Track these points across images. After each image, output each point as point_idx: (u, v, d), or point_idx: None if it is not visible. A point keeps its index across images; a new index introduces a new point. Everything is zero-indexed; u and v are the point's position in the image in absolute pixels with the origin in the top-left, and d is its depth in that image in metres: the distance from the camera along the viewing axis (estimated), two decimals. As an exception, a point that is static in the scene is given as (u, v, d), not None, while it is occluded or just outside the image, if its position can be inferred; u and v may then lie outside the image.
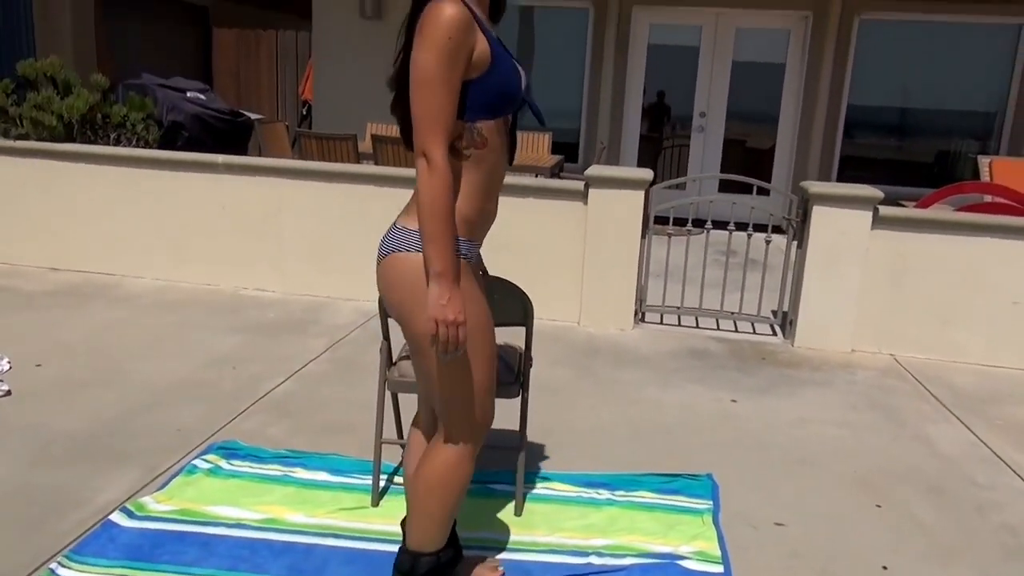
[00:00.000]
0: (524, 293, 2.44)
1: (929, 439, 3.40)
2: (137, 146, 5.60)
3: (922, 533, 2.62)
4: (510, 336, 2.73)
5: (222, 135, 7.06)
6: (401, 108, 1.88)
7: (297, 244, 5.03)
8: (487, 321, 1.86)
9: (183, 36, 11.60)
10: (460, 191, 1.76)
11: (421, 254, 1.72)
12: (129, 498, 2.54)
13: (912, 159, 8.62)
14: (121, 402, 3.29)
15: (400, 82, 1.85)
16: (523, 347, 2.57)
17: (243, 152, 7.32)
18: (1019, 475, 3.09)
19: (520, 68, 1.85)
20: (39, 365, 3.65)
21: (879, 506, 2.78)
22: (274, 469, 2.76)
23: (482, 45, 1.71)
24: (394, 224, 1.83)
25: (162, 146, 5.87)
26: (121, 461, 2.78)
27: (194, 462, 2.77)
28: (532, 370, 2.64)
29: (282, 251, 5.05)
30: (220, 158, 5.05)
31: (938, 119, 8.43)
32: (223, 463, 2.77)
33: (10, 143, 5.27)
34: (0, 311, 4.43)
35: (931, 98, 8.34)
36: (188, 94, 6.84)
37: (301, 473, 2.75)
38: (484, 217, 1.85)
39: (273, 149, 7.29)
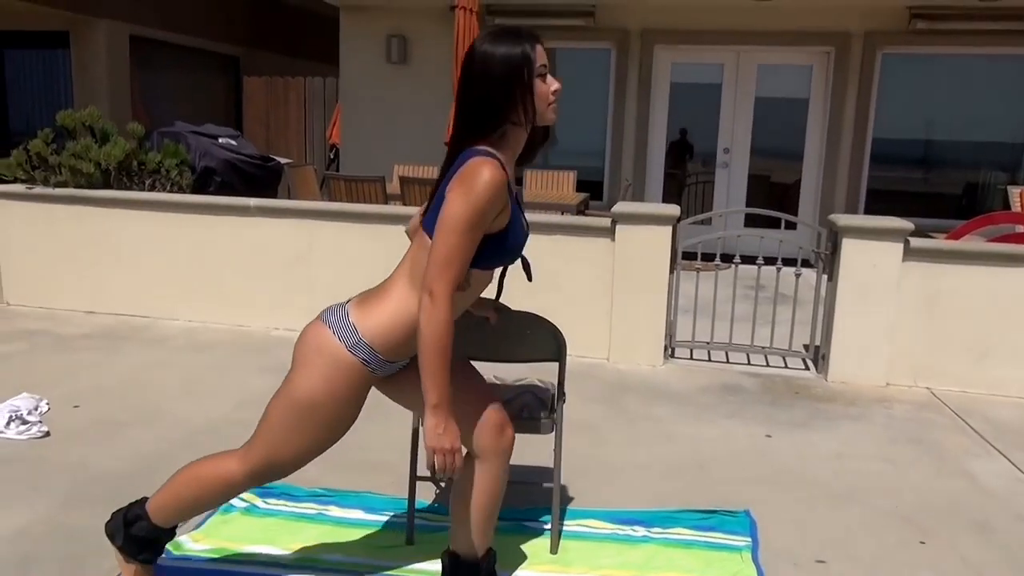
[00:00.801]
0: (556, 328, 2.44)
1: (971, 474, 3.33)
2: (171, 191, 5.72)
3: (969, 571, 2.55)
4: (543, 372, 2.74)
5: (253, 179, 7.17)
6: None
7: (327, 285, 5.09)
8: (336, 420, 2.01)
9: (214, 85, 11.92)
10: (415, 313, 1.89)
11: (343, 347, 1.91)
12: (166, 537, 2.55)
13: (940, 191, 8.57)
14: (158, 442, 3.32)
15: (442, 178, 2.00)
16: (555, 383, 2.57)
17: (273, 195, 7.43)
18: (1067, 510, 3.01)
19: (526, 224, 2.04)
20: (77, 406, 3.71)
21: (923, 543, 2.72)
22: (309, 507, 2.77)
23: (507, 210, 1.88)
24: (345, 307, 1.97)
25: (195, 191, 5.99)
26: (158, 501, 2.79)
27: (230, 501, 2.77)
28: (564, 407, 2.63)
29: (312, 292, 5.11)
30: (252, 201, 5.15)
31: (965, 151, 8.39)
32: (258, 502, 2.78)
33: (50, 190, 5.42)
34: (38, 354, 4.51)
35: (957, 130, 8.31)
36: (220, 140, 6.98)
37: (335, 511, 2.75)
38: (415, 345, 1.96)
39: (302, 192, 7.42)
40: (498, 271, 2.15)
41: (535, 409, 2.49)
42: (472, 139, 1.90)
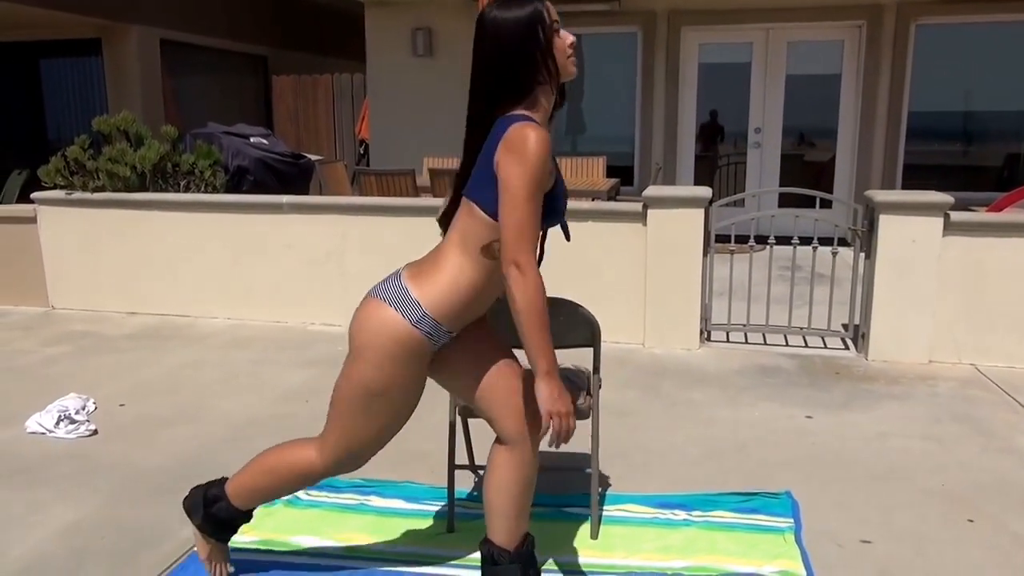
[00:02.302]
0: (590, 314, 2.44)
1: (1020, 451, 3.26)
2: (205, 192, 5.80)
3: (1020, 548, 2.50)
4: (577, 358, 2.73)
5: (285, 177, 7.24)
6: (453, 198, 2.07)
7: (361, 278, 5.13)
8: (407, 397, 2.02)
9: (244, 85, 12.05)
10: (472, 280, 1.91)
11: (402, 318, 1.89)
12: (213, 530, 2.60)
13: (980, 164, 8.36)
14: (201, 438, 3.39)
15: (461, 180, 2.02)
16: (591, 368, 2.57)
17: (305, 192, 7.50)
18: (1121, 485, 2.93)
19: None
20: (123, 405, 3.79)
21: (971, 521, 2.67)
22: (350, 498, 2.80)
23: (553, 169, 1.89)
24: (398, 275, 1.97)
25: (229, 190, 6.07)
26: (204, 495, 2.85)
27: (273, 494, 2.82)
28: (600, 393, 2.62)
29: (347, 286, 5.15)
30: (285, 199, 5.21)
31: (1004, 121, 8.17)
32: (301, 494, 2.82)
33: (88, 195, 5.53)
34: (84, 355, 4.62)
35: (996, 100, 8.09)
36: (251, 139, 7.06)
37: (377, 501, 2.78)
38: (480, 302, 1.98)
39: (334, 188, 7.48)
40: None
41: (571, 395, 2.49)
42: (503, 107, 1.90)
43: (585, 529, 2.57)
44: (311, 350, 4.70)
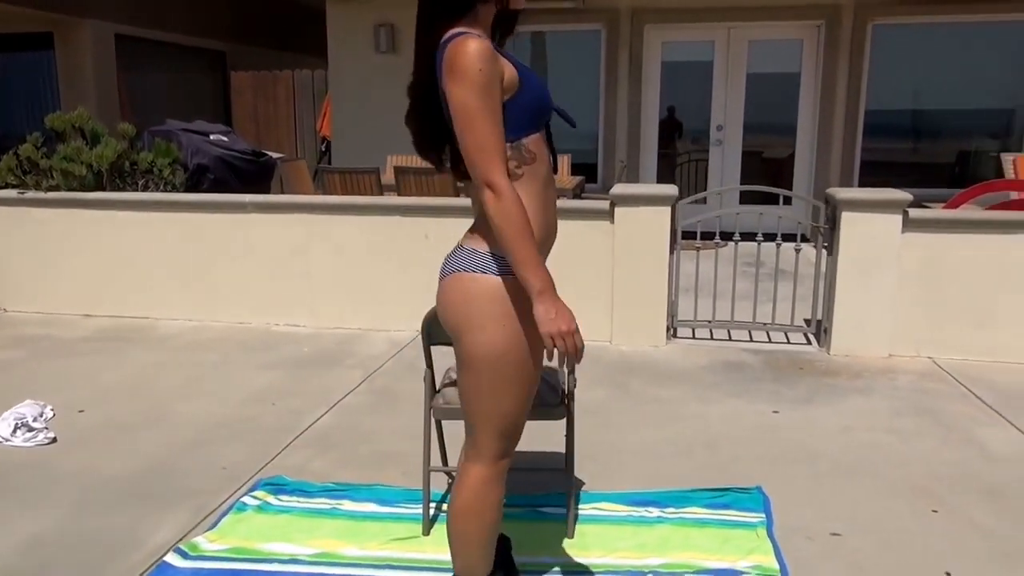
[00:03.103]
0: (565, 313, 2.43)
1: (979, 441, 3.34)
2: (165, 191, 5.68)
3: (983, 537, 2.56)
4: (551, 357, 2.72)
5: (246, 175, 7.13)
6: (414, 122, 1.95)
7: (327, 278, 5.07)
8: (535, 342, 1.85)
9: (201, 81, 11.82)
10: (525, 202, 1.75)
11: (485, 275, 1.76)
12: (181, 539, 2.55)
13: (933, 161, 8.56)
14: (165, 443, 3.32)
15: (415, 93, 1.91)
16: (566, 368, 2.57)
17: (266, 191, 7.39)
18: (1076, 474, 3.02)
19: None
20: (81, 411, 3.69)
21: (936, 511, 2.74)
22: (322, 503, 2.76)
23: (508, 70, 1.75)
24: (459, 245, 1.86)
25: (188, 189, 5.96)
26: (170, 502, 2.80)
27: (243, 500, 2.77)
28: (574, 392, 2.62)
29: (312, 286, 5.09)
30: (248, 198, 5.12)
31: (957, 119, 8.38)
32: (271, 499, 2.78)
33: (42, 195, 5.38)
34: (39, 359, 4.49)
35: (949, 99, 8.30)
36: (211, 137, 6.93)
37: (349, 505, 2.75)
38: (548, 231, 1.87)
39: (296, 186, 7.38)
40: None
41: (546, 395, 2.49)
42: (443, 24, 1.78)
43: (561, 529, 2.57)
44: (276, 351, 4.63)
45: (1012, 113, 8.24)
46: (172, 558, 2.41)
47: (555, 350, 1.69)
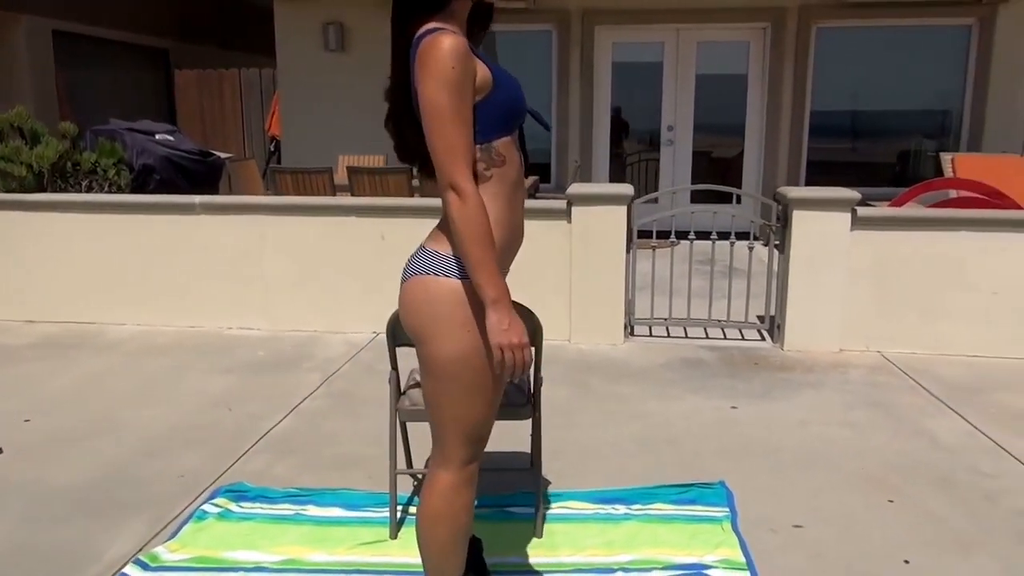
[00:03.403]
0: (532, 313, 2.43)
1: (929, 432, 3.45)
2: (110, 192, 5.52)
3: (937, 525, 2.65)
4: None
5: (194, 176, 6.97)
6: (394, 124, 1.89)
7: (281, 280, 4.99)
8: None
9: (144, 79, 11.52)
10: (489, 207, 1.73)
11: (447, 278, 1.73)
12: (140, 549, 2.47)
13: (875, 160, 8.82)
14: (119, 452, 3.22)
15: (394, 96, 1.86)
16: (533, 368, 2.56)
17: (214, 191, 7.24)
18: (1020, 461, 3.14)
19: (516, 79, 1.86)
20: (28, 420, 3.56)
21: (891, 501, 2.81)
22: (286, 509, 2.72)
23: (482, 70, 1.72)
24: (421, 246, 1.83)
25: (134, 190, 5.80)
26: (127, 512, 2.71)
27: (203, 508, 2.71)
28: (541, 390, 2.63)
29: (266, 288, 5.00)
30: (198, 199, 5.01)
31: (897, 120, 8.65)
32: (233, 506, 2.72)
33: (-21, 196, 5.17)
34: (-20, 368, 4.32)
35: (889, 100, 8.56)
36: (157, 136, 6.75)
37: (314, 511, 2.70)
38: (514, 234, 1.86)
39: (246, 187, 7.25)
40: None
41: (513, 395, 2.49)
42: (418, 20, 1.73)
43: (529, 528, 2.57)
44: (230, 356, 4.53)
45: (948, 114, 8.53)
46: (132, 570, 2.34)
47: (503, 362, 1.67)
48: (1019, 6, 8.01)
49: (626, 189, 4.63)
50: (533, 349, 2.49)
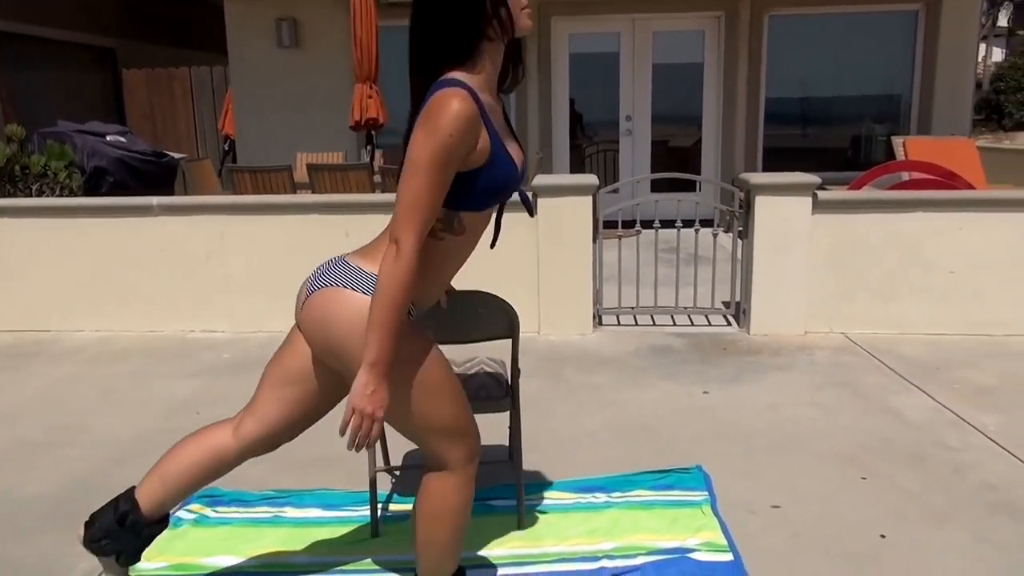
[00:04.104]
0: (509, 306, 2.42)
1: (895, 410, 3.52)
2: (61, 195, 5.37)
3: (910, 500, 2.71)
4: (496, 350, 2.71)
5: (147, 177, 6.84)
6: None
7: (244, 281, 4.90)
8: (438, 356, 1.81)
9: (90, 80, 11.21)
10: (423, 254, 1.68)
11: (364, 294, 1.68)
12: (115, 560, 2.41)
13: (829, 145, 8.99)
14: (87, 460, 3.13)
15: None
16: (502, 359, 2.56)
17: (169, 192, 7.10)
18: (985, 435, 3.23)
19: (518, 157, 1.79)
20: (-13, 432, 3.45)
21: (864, 479, 2.87)
22: (263, 512, 2.67)
23: (484, 142, 1.65)
24: (342, 259, 1.77)
25: (87, 193, 5.65)
26: (98, 522, 2.64)
27: (177, 514, 2.65)
28: (519, 383, 2.62)
29: (228, 290, 4.91)
30: (155, 200, 4.89)
31: (850, 105, 8.82)
32: (208, 511, 2.67)
33: (-76, 203, 4.98)
34: (-68, 381, 4.17)
35: (842, 86, 8.72)
36: (108, 138, 6.60)
37: (292, 512, 2.67)
38: (434, 292, 1.83)
39: (202, 187, 7.10)
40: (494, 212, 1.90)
41: (491, 388, 2.48)
42: (442, 68, 1.66)
43: (511, 521, 2.56)
44: (194, 360, 4.44)
45: (898, 99, 8.72)
46: (107, 581, 2.27)
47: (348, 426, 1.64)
48: (963, -8, 8.23)
49: (591, 180, 4.65)
50: (509, 342, 2.50)
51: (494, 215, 1.92)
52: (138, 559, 2.04)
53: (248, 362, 4.36)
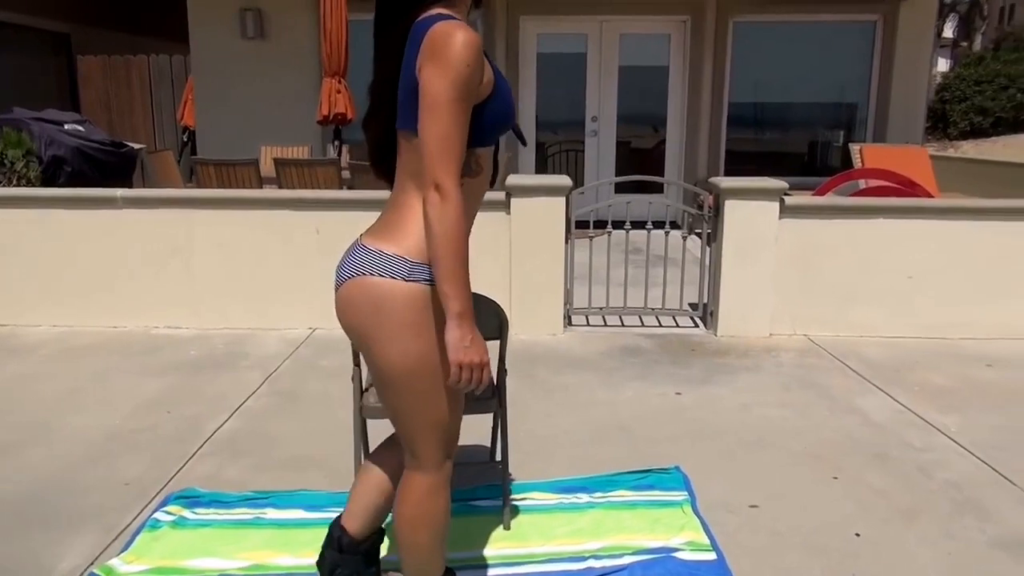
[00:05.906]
0: (499, 306, 2.44)
1: (860, 410, 3.63)
2: (19, 185, 5.21)
3: (880, 498, 2.79)
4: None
5: (106, 167, 6.66)
6: (376, 127, 1.82)
7: (210, 277, 4.82)
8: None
9: (42, 66, 10.87)
10: None
11: (393, 280, 1.65)
12: (93, 563, 2.36)
13: (789, 150, 9.18)
14: (56, 460, 3.05)
15: (380, 91, 1.77)
16: (497, 361, 2.57)
17: (128, 184, 6.93)
18: (947, 435, 3.34)
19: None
20: (-54, 431, 3.34)
21: (836, 478, 2.95)
22: (244, 513, 2.64)
23: (488, 71, 1.64)
24: (361, 244, 1.73)
25: (44, 183, 5.49)
26: (73, 523, 2.58)
27: (155, 516, 2.60)
28: (505, 383, 2.63)
29: (194, 285, 4.82)
30: (120, 192, 4.77)
31: (810, 111, 9.02)
32: (187, 513, 2.62)
33: None
34: None
35: (803, 92, 8.91)
36: (66, 126, 6.42)
37: (273, 514, 2.64)
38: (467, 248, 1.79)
39: (163, 179, 6.95)
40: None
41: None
42: (416, 11, 1.64)
43: (496, 521, 2.58)
44: (160, 356, 4.36)
45: (855, 106, 8.95)
46: (86, 584, 2.23)
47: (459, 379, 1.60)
48: (918, 3, 8.47)
49: (564, 180, 4.68)
50: (498, 342, 2.51)
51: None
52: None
53: (216, 358, 4.29)
